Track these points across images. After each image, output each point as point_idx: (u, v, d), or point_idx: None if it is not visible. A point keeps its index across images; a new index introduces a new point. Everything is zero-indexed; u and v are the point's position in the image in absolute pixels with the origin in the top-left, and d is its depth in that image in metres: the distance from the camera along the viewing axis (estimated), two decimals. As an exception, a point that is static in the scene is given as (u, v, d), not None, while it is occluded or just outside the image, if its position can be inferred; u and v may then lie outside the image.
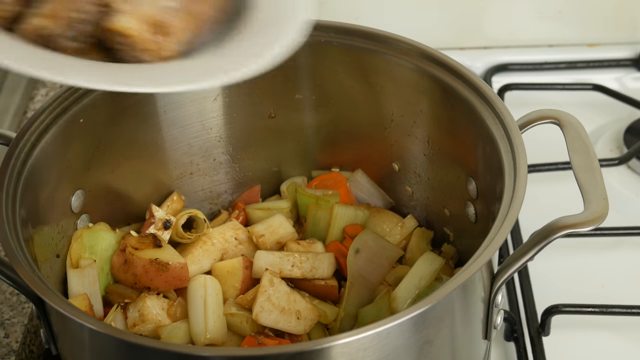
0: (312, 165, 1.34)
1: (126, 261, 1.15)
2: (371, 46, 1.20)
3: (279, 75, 1.18)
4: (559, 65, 1.70)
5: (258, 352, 0.92)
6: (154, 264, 1.13)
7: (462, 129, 1.15)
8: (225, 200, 1.34)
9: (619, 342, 1.25)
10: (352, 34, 1.21)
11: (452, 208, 1.22)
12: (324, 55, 1.23)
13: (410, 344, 0.94)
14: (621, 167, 1.49)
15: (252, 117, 1.29)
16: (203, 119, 1.27)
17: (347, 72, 1.24)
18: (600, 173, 1.04)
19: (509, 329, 1.24)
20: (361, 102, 1.25)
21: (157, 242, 1.16)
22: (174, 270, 1.14)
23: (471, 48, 1.74)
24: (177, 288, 1.16)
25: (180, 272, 1.14)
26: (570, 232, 0.97)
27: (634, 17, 1.72)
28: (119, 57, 0.97)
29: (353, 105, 1.26)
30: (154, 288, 1.15)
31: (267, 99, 1.28)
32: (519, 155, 1.04)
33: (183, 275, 1.14)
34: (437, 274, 1.16)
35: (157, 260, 1.14)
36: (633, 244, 1.37)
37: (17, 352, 1.20)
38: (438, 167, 1.23)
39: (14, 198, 1.05)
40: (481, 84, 1.12)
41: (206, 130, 1.28)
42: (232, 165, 1.32)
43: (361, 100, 1.25)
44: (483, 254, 0.95)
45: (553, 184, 1.43)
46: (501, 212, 0.99)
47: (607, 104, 1.62)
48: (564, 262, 1.35)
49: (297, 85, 1.26)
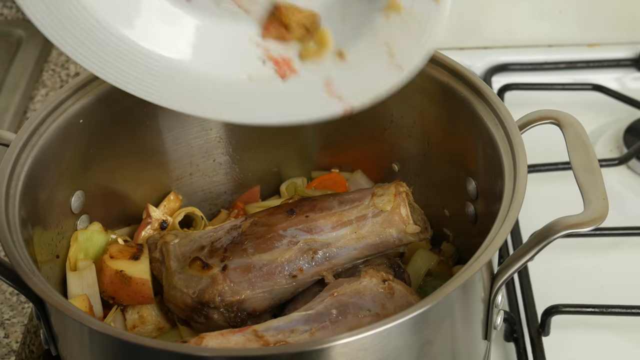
0: (311, 166, 1.34)
1: (101, 268, 1.14)
2: (371, 46, 1.20)
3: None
4: (558, 65, 1.70)
5: (258, 352, 0.92)
6: (118, 276, 1.12)
7: (462, 129, 1.15)
8: (225, 200, 1.34)
9: (619, 342, 1.25)
10: (352, 34, 1.21)
11: (452, 208, 1.22)
12: (323, 56, 1.22)
13: (410, 344, 0.94)
14: (621, 167, 1.49)
15: (252, 118, 1.29)
16: (203, 120, 1.27)
17: (347, 72, 1.24)
18: (600, 173, 1.03)
19: (509, 329, 1.24)
20: (361, 102, 1.25)
21: (138, 254, 1.14)
22: (135, 285, 1.12)
23: (471, 48, 1.74)
24: (141, 304, 1.14)
25: (141, 289, 1.12)
26: (570, 232, 0.97)
27: (634, 17, 1.72)
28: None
29: (353, 105, 1.26)
30: (117, 300, 1.13)
31: (266, 100, 1.27)
32: (519, 155, 1.04)
33: (145, 292, 1.12)
34: (428, 270, 1.17)
35: (122, 272, 1.12)
36: (633, 244, 1.37)
37: (17, 352, 1.20)
38: (438, 168, 1.23)
39: (14, 198, 1.05)
40: (481, 84, 1.12)
41: (206, 131, 1.28)
42: (232, 165, 1.32)
43: (361, 100, 1.25)
44: (483, 254, 0.95)
45: (553, 184, 1.43)
46: (501, 212, 0.99)
47: (607, 104, 1.62)
48: (564, 262, 1.35)
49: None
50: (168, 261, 1.12)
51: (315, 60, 1.02)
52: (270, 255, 1.09)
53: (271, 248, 1.09)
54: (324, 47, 1.02)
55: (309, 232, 1.10)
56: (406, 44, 1.00)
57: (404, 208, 1.10)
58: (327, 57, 1.02)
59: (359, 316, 1.00)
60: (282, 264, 1.09)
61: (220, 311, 1.08)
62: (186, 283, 1.09)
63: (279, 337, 0.97)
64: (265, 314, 1.10)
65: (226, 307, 1.08)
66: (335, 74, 1.01)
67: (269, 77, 1.02)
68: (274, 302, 1.10)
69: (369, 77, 1.01)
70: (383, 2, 0.99)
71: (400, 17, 0.99)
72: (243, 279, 1.08)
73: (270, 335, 0.98)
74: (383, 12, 0.99)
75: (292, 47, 1.02)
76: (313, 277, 1.10)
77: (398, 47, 1.00)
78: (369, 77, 1.01)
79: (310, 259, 1.09)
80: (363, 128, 1.27)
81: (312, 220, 1.10)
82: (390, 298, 1.03)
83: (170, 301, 1.11)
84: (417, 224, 1.11)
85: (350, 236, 1.10)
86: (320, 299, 1.03)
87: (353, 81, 1.01)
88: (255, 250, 1.09)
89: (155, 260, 1.14)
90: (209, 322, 1.08)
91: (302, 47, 1.02)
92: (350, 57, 1.01)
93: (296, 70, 1.02)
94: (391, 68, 1.00)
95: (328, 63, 1.02)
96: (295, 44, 1.02)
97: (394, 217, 1.10)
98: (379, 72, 1.00)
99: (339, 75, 1.02)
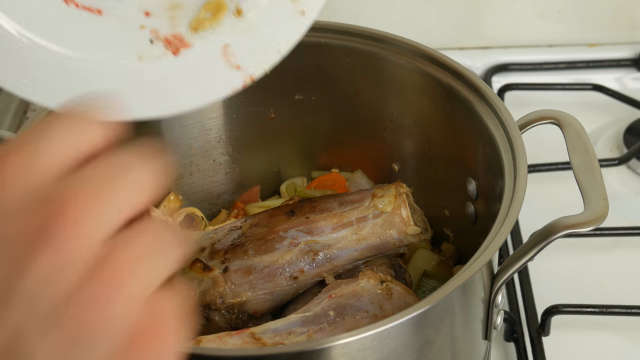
0: (311, 166, 1.34)
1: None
2: (371, 47, 1.20)
3: (278, 76, 1.17)
4: (559, 65, 1.70)
5: (258, 352, 0.92)
6: None
7: (462, 129, 1.15)
8: (225, 200, 1.34)
9: (619, 342, 1.24)
10: (352, 35, 1.21)
11: (452, 208, 1.22)
12: (323, 56, 1.22)
13: (410, 344, 0.94)
14: (621, 167, 1.48)
15: (252, 118, 1.29)
16: (202, 120, 1.27)
17: (347, 72, 1.24)
18: (600, 173, 1.03)
19: (509, 329, 1.24)
20: (361, 102, 1.25)
21: None
22: None
23: (471, 48, 1.74)
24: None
25: None
26: (571, 232, 0.97)
27: (634, 17, 1.72)
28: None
29: (353, 105, 1.26)
30: None
31: (266, 100, 1.27)
32: (519, 155, 1.04)
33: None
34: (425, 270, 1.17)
35: None
36: (633, 244, 1.36)
37: (17, 353, 1.20)
38: (438, 168, 1.23)
39: (13, 199, 1.05)
40: (481, 84, 1.12)
41: (206, 131, 1.28)
42: (232, 165, 1.32)
43: (361, 100, 1.25)
44: (483, 255, 0.95)
45: (553, 184, 1.43)
46: (501, 212, 0.99)
47: (607, 104, 1.62)
48: (564, 262, 1.34)
49: (297, 86, 1.26)
50: (168, 262, 1.12)
51: (210, 27, 0.93)
52: (271, 257, 1.09)
53: (272, 250, 1.09)
54: (220, 11, 0.94)
55: (309, 233, 1.10)
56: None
57: (405, 209, 1.10)
58: (224, 21, 0.93)
59: (356, 317, 1.00)
60: (283, 266, 1.09)
61: (221, 313, 1.08)
62: (187, 285, 1.09)
63: (277, 339, 0.97)
64: (266, 315, 1.10)
65: (227, 309, 1.08)
66: (232, 38, 0.93)
67: (160, 54, 0.93)
68: (274, 304, 1.10)
69: (271, 32, 0.92)
70: None
71: None
72: (244, 280, 1.08)
73: (267, 337, 0.98)
74: None
75: (180, 22, 0.93)
76: (314, 278, 1.10)
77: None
78: (271, 32, 0.92)
79: (311, 260, 1.09)
80: (363, 128, 1.27)
81: (312, 222, 1.10)
82: (389, 299, 1.03)
83: None
84: (417, 224, 1.11)
85: (350, 237, 1.10)
86: (318, 300, 1.03)
87: (253, 42, 0.93)
88: (256, 251, 1.09)
89: None
90: (209, 323, 1.08)
91: (194, 19, 0.93)
92: (249, 12, 0.93)
93: (188, 43, 0.93)
94: (294, 16, 0.92)
95: (225, 26, 0.93)
96: (185, 18, 0.93)
97: (395, 219, 1.10)
98: (281, 25, 0.92)
99: (236, 39, 0.93)
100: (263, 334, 0.98)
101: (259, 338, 0.97)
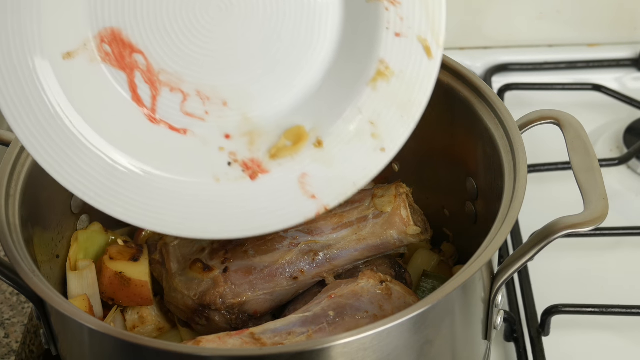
0: (312, 166, 1.34)
1: (101, 269, 1.14)
2: (371, 46, 1.20)
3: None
4: (558, 65, 1.70)
5: (258, 352, 0.92)
6: (118, 277, 1.11)
7: (462, 129, 1.15)
8: (225, 200, 1.34)
9: (619, 342, 1.25)
10: (352, 34, 1.21)
11: (452, 208, 1.22)
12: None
13: (410, 344, 0.94)
14: (621, 167, 1.49)
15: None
16: (203, 120, 1.27)
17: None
18: (600, 173, 1.03)
19: (509, 329, 1.24)
20: (361, 102, 1.25)
21: (137, 255, 1.14)
22: (135, 287, 1.11)
23: (471, 48, 1.74)
24: (140, 305, 1.14)
25: (140, 291, 1.11)
26: (571, 232, 0.97)
27: (634, 17, 1.72)
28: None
29: (353, 105, 1.26)
30: (117, 301, 1.12)
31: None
32: (519, 155, 1.04)
33: (144, 294, 1.11)
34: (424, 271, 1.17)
35: (122, 274, 1.11)
36: (633, 244, 1.36)
37: (17, 352, 1.20)
38: (438, 167, 1.23)
39: (14, 198, 1.05)
40: (481, 84, 1.12)
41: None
42: (232, 165, 1.32)
43: (361, 100, 1.25)
44: (483, 255, 0.95)
45: (553, 184, 1.43)
46: (501, 212, 0.99)
47: (607, 104, 1.62)
48: (564, 262, 1.34)
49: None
50: (168, 263, 1.12)
51: (290, 156, 0.95)
52: (271, 257, 1.09)
53: (272, 250, 1.09)
54: (300, 141, 0.94)
55: (309, 233, 1.10)
56: (392, 118, 0.94)
57: (404, 209, 1.10)
58: (304, 150, 0.95)
59: (356, 318, 1.00)
60: (283, 266, 1.09)
61: (221, 313, 1.08)
62: (187, 285, 1.09)
63: (276, 339, 0.97)
64: (266, 315, 1.10)
65: (227, 309, 1.08)
66: (310, 168, 0.94)
67: (237, 177, 0.95)
68: (275, 304, 1.10)
69: (349, 165, 0.94)
70: (372, 72, 0.93)
71: (388, 85, 0.93)
72: (244, 281, 1.08)
73: (267, 337, 0.97)
74: (370, 84, 0.93)
75: (259, 147, 0.95)
76: (314, 278, 1.10)
77: (384, 123, 0.94)
78: (349, 165, 0.94)
79: (311, 260, 1.09)
80: (363, 128, 1.27)
81: (312, 222, 1.10)
82: (388, 299, 1.03)
83: (171, 303, 1.11)
84: (417, 225, 1.11)
85: (350, 237, 1.10)
86: (318, 300, 1.03)
87: (330, 173, 0.94)
88: (256, 252, 1.09)
89: (155, 262, 1.14)
90: (210, 324, 1.08)
91: (273, 146, 0.95)
92: (331, 145, 0.94)
93: (267, 169, 0.95)
94: (374, 152, 0.93)
95: (304, 156, 0.95)
96: (264, 144, 0.95)
97: (395, 219, 1.10)
98: (361, 159, 0.94)
99: (315, 169, 0.94)
100: (263, 334, 0.98)
101: (259, 338, 0.97)
